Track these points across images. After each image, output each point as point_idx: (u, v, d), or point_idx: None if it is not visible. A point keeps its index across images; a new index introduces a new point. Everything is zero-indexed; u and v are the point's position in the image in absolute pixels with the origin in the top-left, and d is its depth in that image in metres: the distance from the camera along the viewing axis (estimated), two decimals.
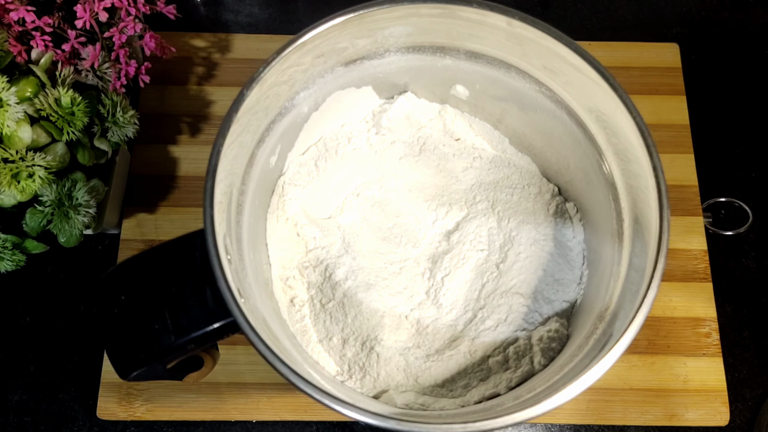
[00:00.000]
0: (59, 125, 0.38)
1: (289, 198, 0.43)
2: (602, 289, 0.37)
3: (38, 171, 0.37)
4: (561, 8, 0.60)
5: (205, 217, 0.31)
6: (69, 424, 0.46)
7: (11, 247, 0.40)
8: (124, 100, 0.43)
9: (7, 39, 0.39)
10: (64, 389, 0.47)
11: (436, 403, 0.39)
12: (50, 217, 0.39)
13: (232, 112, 0.33)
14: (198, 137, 0.52)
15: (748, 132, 0.55)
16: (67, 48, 0.41)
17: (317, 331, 0.41)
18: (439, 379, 0.40)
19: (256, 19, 0.58)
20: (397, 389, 0.40)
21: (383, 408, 0.37)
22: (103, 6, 0.41)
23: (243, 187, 0.37)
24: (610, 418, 0.46)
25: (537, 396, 0.30)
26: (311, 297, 0.42)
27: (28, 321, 0.48)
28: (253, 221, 0.40)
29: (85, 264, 0.50)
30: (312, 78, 0.39)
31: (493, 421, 0.28)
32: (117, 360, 0.33)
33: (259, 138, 0.38)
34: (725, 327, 0.49)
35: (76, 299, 0.49)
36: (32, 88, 0.38)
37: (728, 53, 0.58)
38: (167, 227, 0.50)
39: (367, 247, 0.43)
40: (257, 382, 0.46)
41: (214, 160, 0.32)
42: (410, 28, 0.38)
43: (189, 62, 0.54)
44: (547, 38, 0.35)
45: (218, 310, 0.32)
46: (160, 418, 0.45)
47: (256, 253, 0.41)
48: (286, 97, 0.39)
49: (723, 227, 0.52)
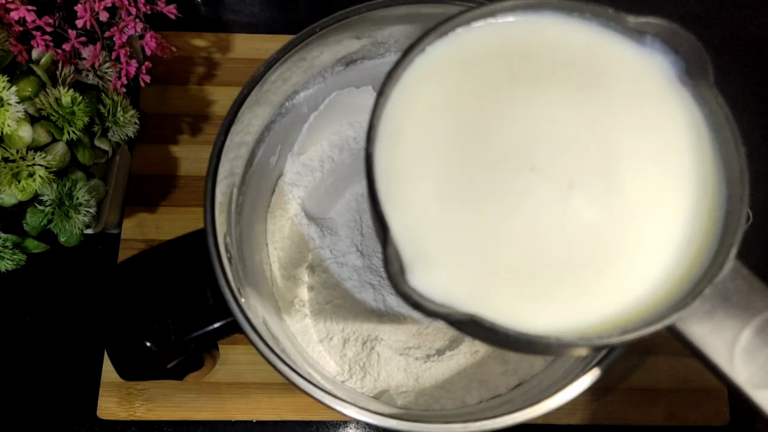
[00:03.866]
0: (60, 125, 0.38)
1: (289, 198, 0.43)
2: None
3: (39, 170, 0.37)
4: None
5: (206, 217, 0.31)
6: (69, 424, 0.46)
7: (11, 246, 0.40)
8: (124, 99, 0.43)
9: (7, 38, 0.39)
10: (64, 389, 0.47)
11: (436, 403, 0.39)
12: (50, 217, 0.39)
13: (232, 112, 0.33)
14: (198, 137, 0.52)
15: (748, 132, 0.55)
16: (67, 47, 0.41)
17: (317, 331, 0.41)
18: (439, 380, 0.40)
19: (256, 19, 0.58)
20: (398, 389, 0.40)
21: (383, 408, 0.37)
22: (104, 6, 0.41)
23: (243, 187, 0.37)
24: (610, 418, 0.46)
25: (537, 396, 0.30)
26: (311, 297, 0.42)
27: (28, 321, 0.48)
28: (253, 221, 0.40)
29: (85, 264, 0.50)
30: (312, 78, 0.39)
31: (493, 421, 0.28)
32: (117, 360, 0.33)
33: (259, 138, 0.38)
34: None
35: (76, 299, 0.49)
36: (33, 88, 0.38)
37: (728, 53, 0.58)
38: (168, 227, 0.50)
39: (368, 247, 0.43)
40: (258, 381, 0.46)
41: (214, 160, 0.32)
42: (410, 27, 0.38)
43: (189, 62, 0.54)
44: None
45: (218, 310, 0.32)
46: (160, 417, 0.45)
47: (256, 253, 0.41)
48: (286, 97, 0.39)
49: None
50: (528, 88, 0.23)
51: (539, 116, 0.23)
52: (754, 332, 0.20)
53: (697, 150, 0.23)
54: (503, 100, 0.23)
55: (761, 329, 0.20)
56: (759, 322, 0.20)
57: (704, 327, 0.20)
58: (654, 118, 0.23)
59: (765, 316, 0.20)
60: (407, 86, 0.23)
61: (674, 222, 0.21)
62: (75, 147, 0.40)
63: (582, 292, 0.21)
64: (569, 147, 0.22)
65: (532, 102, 0.23)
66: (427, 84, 0.23)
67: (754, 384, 0.20)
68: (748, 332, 0.20)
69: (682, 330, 0.20)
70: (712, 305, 0.20)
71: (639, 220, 0.22)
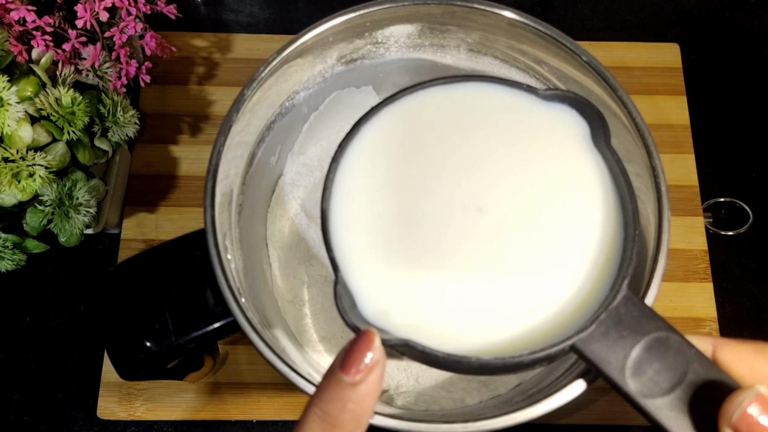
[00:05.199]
0: (60, 125, 0.38)
1: (289, 198, 0.43)
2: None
3: (39, 170, 0.37)
4: (561, 8, 0.60)
5: (206, 216, 0.31)
6: (69, 424, 0.46)
7: (12, 246, 0.40)
8: (124, 99, 0.43)
9: (7, 39, 0.39)
10: (64, 389, 0.47)
11: (435, 404, 0.39)
12: (51, 217, 0.39)
13: (232, 112, 0.33)
14: (198, 137, 0.52)
15: (748, 132, 0.55)
16: (67, 48, 0.41)
17: (317, 331, 0.41)
18: (439, 380, 0.40)
19: (256, 19, 0.58)
20: (398, 389, 0.40)
21: (383, 408, 0.37)
22: (104, 6, 0.41)
23: (243, 187, 0.37)
24: (611, 418, 0.46)
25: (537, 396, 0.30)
26: (312, 297, 0.42)
27: (28, 321, 0.48)
28: (254, 221, 0.40)
29: (85, 264, 0.50)
30: (312, 78, 0.39)
31: (493, 421, 0.28)
32: (117, 360, 0.33)
33: (259, 138, 0.38)
34: (725, 327, 0.49)
35: (76, 299, 0.49)
36: (33, 88, 0.38)
37: (728, 53, 0.58)
38: (168, 227, 0.50)
39: None
40: (257, 381, 0.46)
41: (214, 160, 0.32)
42: (411, 27, 0.38)
43: (189, 62, 0.54)
44: (547, 38, 0.35)
45: (218, 310, 0.32)
46: (160, 417, 0.45)
47: (256, 253, 0.41)
48: (286, 97, 0.39)
49: (723, 227, 0.52)
50: (460, 143, 0.28)
51: (472, 166, 0.27)
52: (643, 350, 0.23)
53: (603, 197, 0.27)
54: (438, 154, 0.28)
55: (649, 347, 0.23)
56: (647, 341, 0.23)
57: (600, 346, 0.23)
58: (569, 170, 0.27)
59: (652, 336, 0.23)
60: (354, 152, 0.28)
61: (582, 256, 0.26)
62: (75, 147, 0.40)
63: (502, 318, 0.25)
64: (497, 193, 0.27)
65: (465, 154, 0.28)
66: (370, 149, 0.28)
67: (644, 394, 0.23)
68: (638, 350, 0.23)
69: (581, 349, 0.23)
70: (606, 328, 0.23)
71: (553, 255, 0.26)
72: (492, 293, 0.25)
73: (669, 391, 0.22)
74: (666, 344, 0.23)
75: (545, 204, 0.27)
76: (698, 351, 0.23)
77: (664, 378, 0.22)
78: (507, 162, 0.27)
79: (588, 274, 0.25)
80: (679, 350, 0.23)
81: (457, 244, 0.26)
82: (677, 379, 0.22)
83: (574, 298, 0.25)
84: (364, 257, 0.26)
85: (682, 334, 0.23)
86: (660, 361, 0.23)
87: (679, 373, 0.22)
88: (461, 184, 0.27)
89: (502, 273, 0.25)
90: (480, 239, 0.26)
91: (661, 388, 0.22)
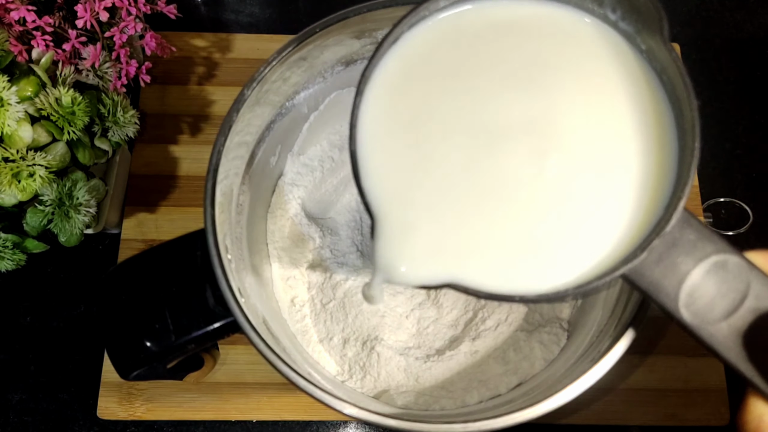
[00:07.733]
0: (60, 125, 0.38)
1: (289, 198, 0.43)
2: (602, 290, 0.37)
3: (39, 170, 0.37)
4: None
5: (206, 216, 0.31)
6: (69, 424, 0.46)
7: (12, 246, 0.40)
8: (124, 99, 0.43)
9: (7, 38, 0.39)
10: (64, 389, 0.47)
11: (436, 404, 0.39)
12: (51, 217, 0.39)
13: (232, 112, 0.33)
14: (198, 137, 0.52)
15: (748, 132, 0.55)
16: (67, 47, 0.41)
17: (318, 331, 0.41)
18: (439, 379, 0.40)
19: (256, 19, 0.58)
20: (398, 389, 0.40)
21: (383, 408, 0.37)
22: (104, 6, 0.41)
23: (243, 187, 0.37)
24: (611, 418, 0.46)
25: (537, 396, 0.30)
26: (312, 297, 0.42)
27: (28, 321, 0.48)
28: (254, 221, 0.40)
29: (85, 264, 0.50)
30: (312, 78, 0.39)
31: (493, 421, 0.28)
32: (117, 360, 0.33)
33: (259, 138, 0.38)
34: None
35: (76, 299, 0.49)
36: (33, 88, 0.38)
37: (728, 53, 0.58)
38: (168, 227, 0.50)
39: (368, 247, 0.43)
40: (257, 381, 0.46)
41: (214, 160, 0.32)
42: None
43: (189, 62, 0.54)
44: None
45: (219, 310, 0.32)
46: (160, 417, 0.45)
47: (256, 253, 0.41)
48: (286, 97, 0.39)
49: (723, 227, 0.52)
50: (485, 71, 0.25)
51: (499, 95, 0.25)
52: (699, 276, 0.21)
53: (648, 108, 0.24)
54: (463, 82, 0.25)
55: (706, 272, 0.21)
56: (704, 266, 0.21)
57: (653, 274, 0.21)
58: (603, 81, 0.24)
59: (711, 260, 0.21)
60: (378, 83, 0.25)
61: (628, 179, 0.23)
62: (75, 147, 0.40)
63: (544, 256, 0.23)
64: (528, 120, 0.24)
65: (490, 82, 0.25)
66: (394, 78, 0.25)
67: (698, 322, 0.21)
68: (694, 276, 0.21)
69: (633, 279, 0.22)
70: (660, 254, 0.21)
71: (594, 181, 0.23)
72: (538, 225, 0.23)
73: (724, 317, 0.21)
74: (725, 267, 0.21)
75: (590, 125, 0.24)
76: (760, 273, 0.21)
77: (719, 304, 0.21)
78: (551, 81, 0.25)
79: (638, 196, 0.23)
80: (738, 273, 0.21)
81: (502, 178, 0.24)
82: (735, 305, 0.21)
83: (625, 224, 0.23)
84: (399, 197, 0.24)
85: (742, 254, 0.21)
86: (717, 286, 0.21)
87: (737, 298, 0.21)
88: (503, 108, 0.24)
89: (549, 204, 0.23)
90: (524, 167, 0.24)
91: (716, 315, 0.21)
